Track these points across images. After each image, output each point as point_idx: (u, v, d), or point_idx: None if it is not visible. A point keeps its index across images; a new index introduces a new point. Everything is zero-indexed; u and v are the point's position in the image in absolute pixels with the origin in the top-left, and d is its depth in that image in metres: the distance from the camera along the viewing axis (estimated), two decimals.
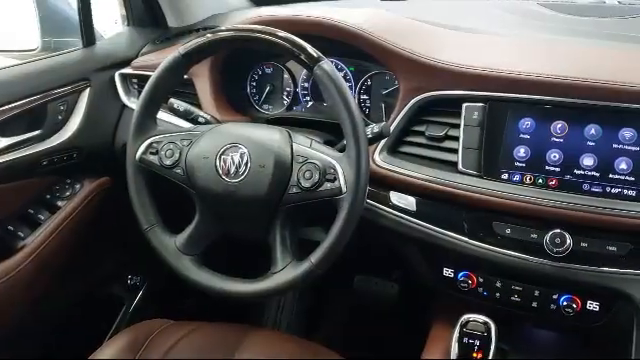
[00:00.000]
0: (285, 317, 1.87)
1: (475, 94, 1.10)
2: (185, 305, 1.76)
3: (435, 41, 1.22)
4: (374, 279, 1.79)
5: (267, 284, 1.06)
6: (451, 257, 1.18)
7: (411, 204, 1.17)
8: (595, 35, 1.26)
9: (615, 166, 1.01)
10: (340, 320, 1.91)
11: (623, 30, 1.27)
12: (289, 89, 1.42)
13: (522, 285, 1.13)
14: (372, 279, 1.80)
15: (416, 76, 1.15)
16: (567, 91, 1.03)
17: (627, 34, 1.24)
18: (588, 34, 1.27)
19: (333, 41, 1.23)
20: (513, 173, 1.08)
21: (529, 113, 1.06)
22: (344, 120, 1.01)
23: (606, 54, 1.14)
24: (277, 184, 1.05)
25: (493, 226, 1.10)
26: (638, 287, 1.03)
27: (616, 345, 1.12)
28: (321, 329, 1.88)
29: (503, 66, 1.08)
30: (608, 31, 1.28)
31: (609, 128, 1.02)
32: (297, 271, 1.04)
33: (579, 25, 1.34)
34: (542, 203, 1.04)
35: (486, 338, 1.03)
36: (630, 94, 0.99)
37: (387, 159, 1.18)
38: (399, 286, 1.74)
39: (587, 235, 1.04)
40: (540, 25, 1.34)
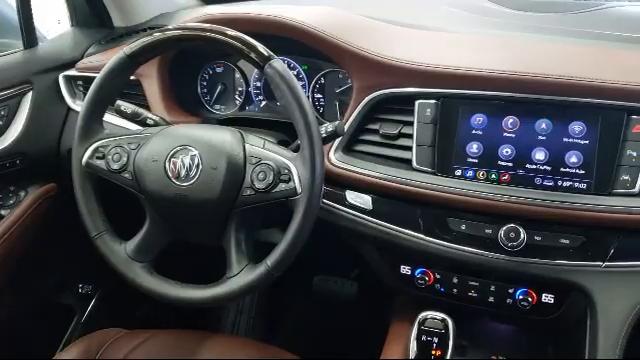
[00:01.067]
0: (244, 320, 1.84)
1: (427, 91, 1.10)
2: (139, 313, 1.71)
3: (387, 38, 1.21)
4: (333, 279, 1.79)
5: (222, 289, 1.03)
6: (408, 254, 1.18)
7: (367, 203, 1.16)
8: (544, 30, 1.28)
9: (566, 160, 1.03)
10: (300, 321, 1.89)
11: (571, 25, 1.29)
12: (241, 89, 1.39)
13: (478, 280, 1.14)
14: (331, 279, 1.80)
15: (369, 74, 1.15)
16: (518, 86, 1.04)
17: (575, 29, 1.26)
18: (537, 29, 1.29)
19: (285, 39, 1.21)
20: (466, 169, 1.08)
21: (481, 109, 1.07)
22: (297, 119, 0.99)
23: (555, 49, 1.16)
24: (230, 186, 1.02)
25: (448, 222, 1.10)
26: (591, 278, 1.04)
27: (571, 336, 1.14)
28: (281, 331, 1.86)
29: (455, 62, 1.09)
30: (557, 26, 1.30)
31: (559, 122, 1.03)
32: (253, 275, 1.02)
33: (528, 20, 1.36)
34: (495, 198, 1.05)
35: (444, 335, 1.03)
36: (579, 88, 1.00)
37: (342, 158, 1.17)
38: (358, 285, 1.74)
39: (540, 229, 1.05)
40: (490, 21, 1.36)
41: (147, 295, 1.08)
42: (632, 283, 1.03)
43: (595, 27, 1.25)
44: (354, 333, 1.62)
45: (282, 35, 1.21)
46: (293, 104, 0.98)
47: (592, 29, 1.24)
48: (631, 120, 0.99)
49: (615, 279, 1.03)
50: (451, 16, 1.41)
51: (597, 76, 1.00)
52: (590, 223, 1.02)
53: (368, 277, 1.32)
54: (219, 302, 1.05)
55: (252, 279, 1.01)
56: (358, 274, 1.77)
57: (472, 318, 1.26)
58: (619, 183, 1.00)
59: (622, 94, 0.99)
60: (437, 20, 1.35)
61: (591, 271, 1.04)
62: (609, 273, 1.03)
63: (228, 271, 1.05)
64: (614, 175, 1.00)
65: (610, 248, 1.02)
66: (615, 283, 1.03)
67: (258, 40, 1.02)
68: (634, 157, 0.99)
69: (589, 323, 1.07)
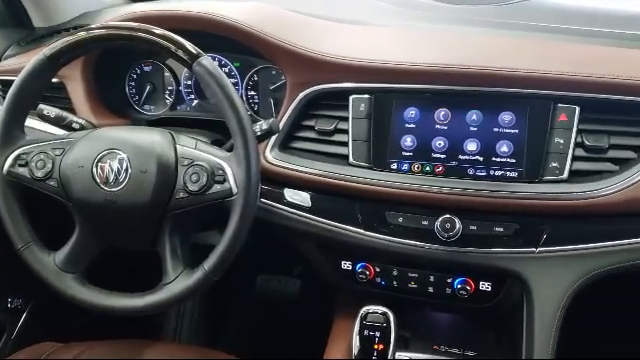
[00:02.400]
0: (186, 325, 1.80)
1: (360, 86, 1.10)
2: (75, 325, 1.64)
3: (319, 34, 1.21)
4: (276, 278, 1.77)
5: (158, 297, 1.00)
6: (348, 250, 1.18)
7: (305, 200, 1.15)
8: (473, 22, 1.30)
9: (497, 149, 1.05)
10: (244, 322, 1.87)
11: (500, 17, 1.32)
12: (171, 88, 1.35)
13: (418, 272, 1.15)
14: (274, 278, 1.78)
15: (302, 70, 1.13)
16: (448, 79, 1.05)
17: (503, 21, 1.28)
18: (466, 22, 1.31)
19: (216, 36, 1.18)
20: (401, 162, 1.09)
21: (413, 102, 1.08)
22: (229, 118, 0.97)
23: (484, 41, 1.18)
24: (162, 190, 0.99)
25: (386, 216, 1.11)
26: (525, 265, 1.07)
27: (510, 321, 1.17)
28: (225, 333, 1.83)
29: (386, 57, 1.09)
30: (485, 18, 1.32)
31: (489, 113, 1.05)
32: (190, 280, 0.99)
33: (457, 13, 1.38)
34: (430, 190, 1.06)
35: (386, 329, 1.03)
36: (507, 79, 1.03)
37: (279, 156, 1.15)
38: (301, 282, 1.73)
39: (475, 218, 1.07)
40: (420, 14, 1.37)
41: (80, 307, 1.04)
42: (565, 267, 1.06)
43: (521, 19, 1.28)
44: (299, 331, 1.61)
45: (212, 32, 1.18)
46: (224, 102, 0.96)
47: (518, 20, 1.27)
48: (557, 108, 1.02)
49: (548, 264, 1.06)
50: (382, 10, 1.41)
51: (524, 66, 1.03)
52: (522, 210, 1.05)
53: (311, 274, 1.32)
54: (156, 310, 1.02)
55: (189, 285, 0.99)
56: (301, 272, 1.76)
57: (414, 309, 1.27)
58: (548, 170, 1.03)
59: (548, 83, 1.02)
60: (368, 15, 1.35)
61: (525, 257, 1.06)
62: (542, 259, 1.06)
63: (164, 277, 1.02)
64: (543, 163, 1.03)
65: (542, 234, 1.05)
66: (549, 268, 1.06)
67: (187, 38, 1.00)
68: (561, 144, 1.02)
69: (525, 308, 1.10)
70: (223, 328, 1.84)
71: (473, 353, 1.14)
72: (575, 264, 1.06)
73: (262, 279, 1.78)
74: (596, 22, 1.23)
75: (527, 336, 1.09)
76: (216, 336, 1.81)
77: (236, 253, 0.99)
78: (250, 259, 1.62)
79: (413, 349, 1.14)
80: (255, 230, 1.01)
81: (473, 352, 1.14)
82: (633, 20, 1.27)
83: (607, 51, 1.10)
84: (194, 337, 1.80)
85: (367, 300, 1.18)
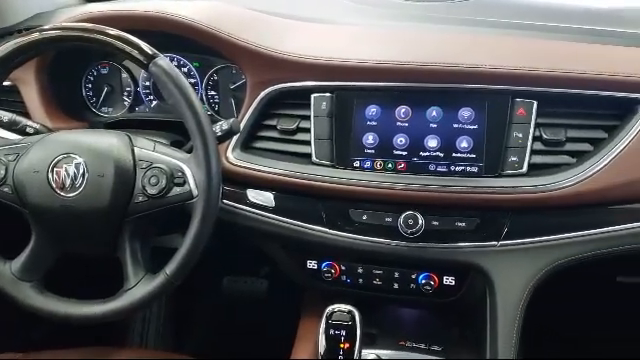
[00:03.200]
0: (153, 329, 1.77)
1: (322, 84, 1.10)
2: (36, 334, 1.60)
3: (279, 32, 1.20)
4: (243, 279, 1.76)
5: (119, 303, 0.98)
6: (313, 249, 1.18)
7: (269, 200, 1.14)
8: (433, 20, 1.31)
9: (457, 145, 1.06)
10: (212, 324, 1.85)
11: (456, 14, 1.33)
12: (129, 89, 1.32)
13: (382, 268, 1.16)
14: (241, 279, 1.77)
15: (262, 69, 1.13)
16: (407, 76, 1.05)
17: (459, 17, 1.30)
18: (426, 19, 1.32)
19: (174, 36, 1.16)
20: (364, 160, 1.09)
21: (374, 100, 1.08)
22: (187, 118, 0.96)
23: (443, 38, 1.18)
24: (120, 194, 0.97)
25: (350, 214, 1.11)
26: (487, 258, 1.08)
27: (474, 315, 1.18)
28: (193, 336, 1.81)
29: (347, 55, 1.09)
30: (444, 15, 1.33)
31: (449, 109, 1.06)
32: (151, 286, 0.98)
33: (417, 10, 1.38)
34: (393, 187, 1.07)
35: (351, 327, 1.03)
36: (465, 75, 1.04)
37: (241, 156, 1.14)
38: (268, 283, 1.72)
39: (437, 214, 1.07)
40: (380, 12, 1.37)
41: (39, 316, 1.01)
42: (526, 260, 1.07)
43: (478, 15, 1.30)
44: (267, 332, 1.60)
45: (169, 32, 1.16)
46: (182, 103, 0.95)
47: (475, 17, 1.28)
48: (515, 103, 1.04)
49: (510, 257, 1.07)
50: (343, 8, 1.41)
51: (482, 62, 1.04)
52: (483, 205, 1.06)
53: (278, 275, 1.31)
54: (118, 317, 1.01)
55: (151, 290, 0.97)
56: (268, 272, 1.75)
57: (380, 306, 1.28)
58: (508, 164, 1.04)
59: (506, 78, 1.03)
60: (329, 13, 1.34)
61: (487, 251, 1.08)
62: (504, 252, 1.07)
63: (125, 283, 1.00)
64: (503, 157, 1.04)
65: (503, 228, 1.06)
66: (510, 261, 1.08)
67: (146, 38, 0.98)
68: (520, 139, 1.04)
69: (488, 301, 1.11)
70: (190, 331, 1.82)
71: (439, 347, 1.15)
72: (536, 256, 1.07)
73: (228, 280, 1.76)
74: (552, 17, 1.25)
75: (491, 329, 1.10)
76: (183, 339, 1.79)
77: (198, 256, 0.98)
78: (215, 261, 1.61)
79: (380, 346, 1.14)
80: (218, 232, 1.00)
81: (439, 346, 1.15)
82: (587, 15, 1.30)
83: (563, 46, 1.12)
84: (161, 341, 1.77)
85: (334, 298, 1.18)
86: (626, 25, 1.19)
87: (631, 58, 1.06)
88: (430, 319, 1.29)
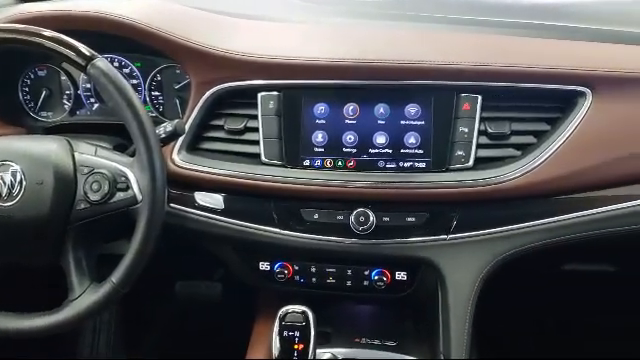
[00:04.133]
0: (103, 340, 1.72)
1: (269, 83, 1.09)
2: None
3: (223, 30, 1.18)
4: (197, 283, 1.73)
5: (64, 315, 0.95)
6: (265, 250, 1.17)
7: (218, 202, 1.12)
8: (377, 16, 1.31)
9: (405, 141, 1.06)
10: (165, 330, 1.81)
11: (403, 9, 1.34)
12: (69, 92, 1.28)
13: (335, 266, 1.16)
14: (194, 283, 1.74)
15: (206, 68, 1.10)
16: (354, 73, 1.05)
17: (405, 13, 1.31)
18: (371, 16, 1.32)
19: (114, 37, 1.13)
20: (314, 159, 1.08)
21: (322, 98, 1.07)
22: (129, 121, 0.93)
23: (389, 35, 1.19)
24: (61, 201, 0.94)
25: (301, 213, 1.10)
26: (437, 252, 1.10)
27: (427, 308, 1.19)
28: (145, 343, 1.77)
29: (293, 53, 1.08)
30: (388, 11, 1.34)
31: (396, 106, 1.06)
32: (98, 295, 0.94)
33: (362, 7, 1.39)
34: (343, 185, 1.06)
35: (305, 328, 1.03)
36: (411, 71, 1.04)
37: (187, 158, 1.12)
38: (222, 285, 1.70)
39: (388, 210, 1.08)
40: (326, 9, 1.37)
41: None
42: (475, 252, 1.09)
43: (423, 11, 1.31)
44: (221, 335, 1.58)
45: (109, 32, 1.12)
46: (123, 105, 0.92)
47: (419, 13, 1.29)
48: (460, 98, 1.05)
49: (459, 250, 1.09)
50: (288, 5, 1.40)
51: (426, 58, 1.04)
52: (432, 199, 1.07)
53: (231, 277, 1.29)
54: (63, 329, 0.97)
55: (96, 300, 0.94)
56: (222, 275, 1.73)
57: (334, 304, 1.28)
58: (454, 159, 1.06)
59: (450, 74, 1.04)
60: (274, 10, 1.33)
61: (437, 245, 1.09)
62: (453, 245, 1.09)
63: (70, 293, 0.97)
64: (449, 152, 1.05)
65: (452, 221, 1.08)
66: (460, 254, 1.09)
67: (83, 39, 0.95)
68: (466, 133, 1.05)
69: (440, 294, 1.12)
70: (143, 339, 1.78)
71: (393, 342, 1.15)
72: (485, 248, 1.09)
73: (181, 285, 1.73)
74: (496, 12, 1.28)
75: (443, 321, 1.12)
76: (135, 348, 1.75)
77: (146, 262, 0.95)
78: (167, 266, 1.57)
79: (334, 344, 1.14)
80: (166, 236, 0.98)
81: (393, 341, 1.16)
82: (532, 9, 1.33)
83: (506, 41, 1.14)
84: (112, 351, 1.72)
85: (289, 299, 1.17)
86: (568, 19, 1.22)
87: (572, 51, 1.09)
88: (384, 315, 1.29)
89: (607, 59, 1.06)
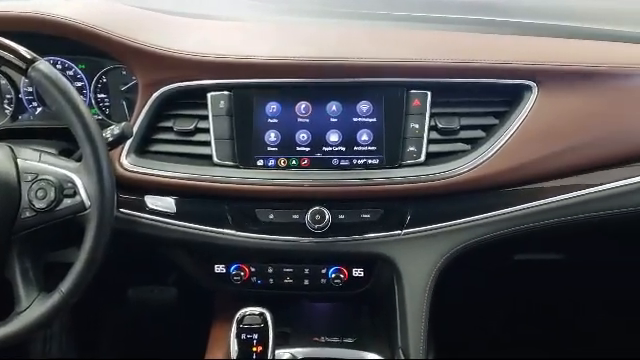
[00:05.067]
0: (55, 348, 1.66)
1: (219, 82, 1.07)
2: None
3: (170, 30, 1.15)
4: (150, 288, 1.69)
5: (12, 327, 0.91)
6: (220, 253, 1.15)
7: (170, 206, 1.10)
8: (324, 14, 1.31)
9: (358, 138, 1.07)
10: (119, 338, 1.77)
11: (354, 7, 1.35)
12: (10, 96, 1.22)
13: (292, 266, 1.15)
14: (148, 288, 1.70)
15: (154, 69, 1.08)
16: (305, 71, 1.05)
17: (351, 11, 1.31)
18: (320, 13, 1.32)
19: (56, 38, 1.09)
20: (267, 158, 1.07)
21: (274, 97, 1.07)
22: (74, 125, 0.90)
23: (337, 32, 1.19)
24: (4, 210, 0.90)
25: (256, 214, 1.10)
26: (393, 248, 1.11)
27: (384, 304, 1.20)
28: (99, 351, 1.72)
29: (242, 52, 1.06)
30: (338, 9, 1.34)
31: (348, 103, 1.06)
32: (46, 306, 0.91)
33: (309, 4, 1.39)
34: (298, 184, 1.06)
35: (263, 329, 1.02)
36: (361, 69, 1.04)
37: (136, 161, 1.09)
38: (177, 289, 1.67)
39: (343, 207, 1.08)
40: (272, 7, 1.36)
41: None
42: (429, 246, 1.11)
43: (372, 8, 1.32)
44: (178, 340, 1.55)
45: (49, 33, 1.08)
46: (67, 108, 0.89)
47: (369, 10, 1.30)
48: (410, 95, 1.06)
49: (414, 244, 1.10)
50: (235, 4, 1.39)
51: (376, 55, 1.05)
52: (386, 195, 1.08)
53: (186, 280, 1.27)
54: (11, 342, 0.93)
55: (45, 311, 0.91)
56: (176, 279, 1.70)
57: (292, 304, 1.27)
58: (407, 155, 1.07)
59: (400, 71, 1.05)
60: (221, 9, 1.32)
61: (392, 240, 1.10)
62: (408, 240, 1.10)
63: (17, 305, 0.93)
64: (402, 148, 1.06)
65: (406, 216, 1.09)
66: (414, 248, 1.11)
67: (24, 41, 0.91)
68: (417, 129, 1.06)
69: (396, 289, 1.13)
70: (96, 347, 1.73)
71: (352, 339, 1.16)
72: (439, 242, 1.11)
73: (135, 291, 1.69)
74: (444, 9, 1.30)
75: (400, 315, 1.13)
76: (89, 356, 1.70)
77: (96, 270, 0.92)
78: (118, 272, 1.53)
79: (293, 344, 1.14)
80: (117, 242, 0.95)
81: (352, 338, 1.16)
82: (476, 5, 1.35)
83: (453, 37, 1.16)
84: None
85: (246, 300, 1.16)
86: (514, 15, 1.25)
87: (518, 46, 1.12)
88: (342, 312, 1.30)
89: (552, 53, 1.08)
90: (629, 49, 1.13)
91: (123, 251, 1.02)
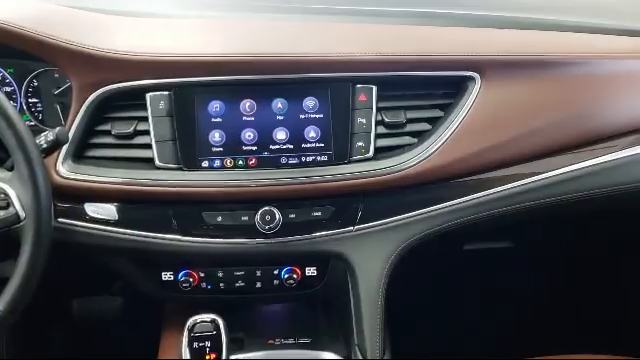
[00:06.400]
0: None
1: (158, 82, 1.03)
2: None
3: (104, 29, 1.10)
4: (95, 298, 1.63)
5: None
6: (167, 259, 1.12)
7: (111, 213, 1.06)
8: (265, 9, 1.29)
9: (305, 135, 1.05)
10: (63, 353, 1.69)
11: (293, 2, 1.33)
12: None
13: (244, 269, 1.13)
14: (92, 299, 1.63)
15: (89, 70, 1.02)
16: (247, 68, 1.02)
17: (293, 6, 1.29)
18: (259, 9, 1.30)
19: None
20: (213, 159, 1.04)
21: (216, 96, 1.03)
22: (3, 132, 0.85)
23: (278, 27, 1.17)
24: None
25: (203, 217, 1.06)
26: (345, 244, 1.10)
27: (339, 301, 1.19)
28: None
29: (181, 49, 1.03)
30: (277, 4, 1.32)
31: (294, 100, 1.04)
32: None
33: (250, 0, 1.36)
34: (246, 184, 1.03)
35: (216, 336, 0.99)
36: (305, 64, 1.03)
37: (73, 168, 1.03)
38: (123, 299, 1.61)
39: (293, 206, 1.07)
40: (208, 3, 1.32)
41: None
42: (381, 240, 1.11)
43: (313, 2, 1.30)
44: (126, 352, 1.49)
45: None
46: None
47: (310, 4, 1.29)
48: (356, 89, 1.05)
49: (366, 240, 1.10)
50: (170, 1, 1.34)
51: (320, 50, 1.04)
52: (336, 192, 1.06)
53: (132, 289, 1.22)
54: None
55: None
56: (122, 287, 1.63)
57: (245, 308, 1.25)
58: (355, 150, 1.06)
59: (344, 66, 1.04)
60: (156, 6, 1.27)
61: (345, 237, 1.09)
62: (360, 235, 1.09)
63: None
64: (350, 143, 1.05)
65: (358, 212, 1.09)
66: (367, 244, 1.10)
67: None
68: (364, 124, 1.05)
69: (350, 285, 1.13)
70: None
71: (307, 339, 1.14)
72: (390, 236, 1.11)
73: (78, 303, 1.62)
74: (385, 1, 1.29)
75: (355, 311, 1.12)
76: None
77: (35, 285, 0.87)
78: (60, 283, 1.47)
79: (248, 348, 1.11)
80: (57, 253, 0.90)
81: (307, 339, 1.15)
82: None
83: (395, 29, 1.15)
84: None
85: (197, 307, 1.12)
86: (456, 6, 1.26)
87: (460, 38, 1.13)
88: (297, 312, 1.28)
89: (494, 44, 1.10)
90: (570, 38, 1.16)
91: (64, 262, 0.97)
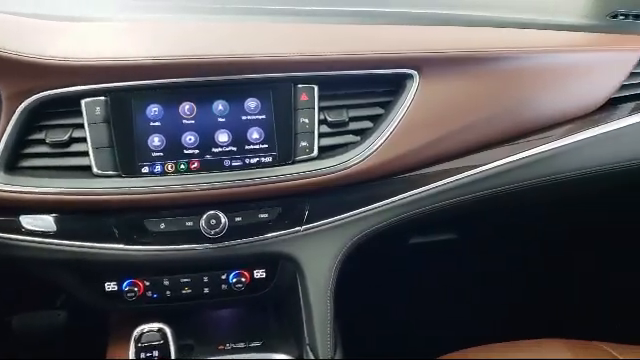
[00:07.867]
0: None
1: (92, 88, 0.99)
2: None
3: (34, 34, 1.05)
4: (36, 314, 1.56)
5: None
6: (109, 270, 1.08)
7: (49, 224, 1.02)
8: (203, 10, 1.27)
9: (248, 137, 1.04)
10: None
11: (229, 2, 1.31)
12: None
13: (190, 276, 1.11)
14: (33, 315, 1.57)
15: (18, 77, 0.98)
16: (184, 70, 1.00)
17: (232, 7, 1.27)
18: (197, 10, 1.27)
19: None
20: (153, 165, 1.02)
21: (154, 99, 1.01)
22: None
23: (216, 28, 1.15)
24: None
25: (145, 224, 1.04)
26: (293, 245, 1.10)
27: (289, 302, 1.19)
28: None
29: (116, 53, 1.00)
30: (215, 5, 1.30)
31: (234, 101, 1.03)
32: None
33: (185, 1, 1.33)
34: (189, 189, 1.01)
35: (164, 345, 0.97)
36: (244, 65, 1.01)
37: (6, 179, 0.99)
38: (66, 312, 1.55)
39: (239, 209, 1.05)
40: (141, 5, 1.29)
41: None
42: (329, 239, 1.11)
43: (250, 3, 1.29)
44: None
45: None
46: None
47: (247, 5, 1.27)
48: (298, 89, 1.05)
49: (314, 239, 1.10)
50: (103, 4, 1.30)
51: (259, 51, 1.02)
52: (282, 193, 1.06)
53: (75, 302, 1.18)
54: None
55: None
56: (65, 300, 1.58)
57: (194, 314, 1.23)
58: (300, 150, 1.05)
59: (284, 65, 1.03)
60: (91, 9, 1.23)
61: (292, 238, 1.09)
62: (308, 235, 1.09)
63: None
64: (294, 144, 1.05)
65: (304, 212, 1.08)
66: (315, 243, 1.10)
67: None
68: (307, 124, 1.05)
69: (300, 285, 1.13)
70: None
71: (258, 343, 1.14)
72: (338, 234, 1.11)
73: (18, 319, 1.55)
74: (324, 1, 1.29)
75: (305, 311, 1.12)
76: None
77: None
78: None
79: (198, 355, 1.09)
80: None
81: (258, 342, 1.14)
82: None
83: (333, 28, 1.15)
84: None
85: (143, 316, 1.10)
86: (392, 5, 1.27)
87: (398, 36, 1.13)
88: (247, 316, 1.27)
89: (432, 41, 1.11)
90: (501, 34, 1.19)
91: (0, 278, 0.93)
